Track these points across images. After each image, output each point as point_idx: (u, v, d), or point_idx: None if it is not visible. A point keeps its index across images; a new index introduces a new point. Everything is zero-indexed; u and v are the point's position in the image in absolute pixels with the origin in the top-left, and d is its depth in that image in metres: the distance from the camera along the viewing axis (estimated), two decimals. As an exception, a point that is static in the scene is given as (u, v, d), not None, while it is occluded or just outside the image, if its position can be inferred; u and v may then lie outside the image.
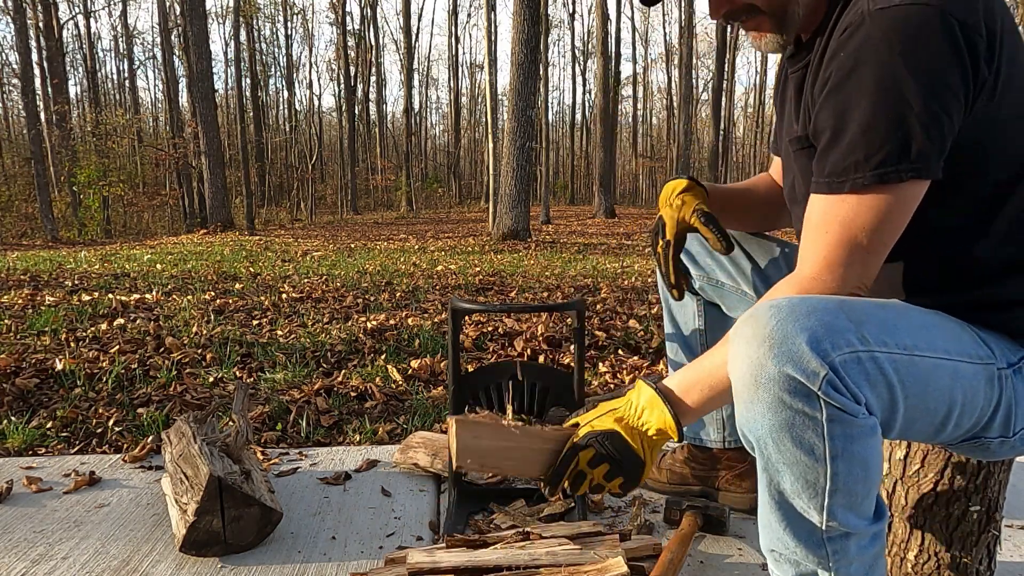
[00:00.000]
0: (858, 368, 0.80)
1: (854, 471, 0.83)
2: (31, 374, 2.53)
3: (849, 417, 0.80)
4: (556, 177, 40.82)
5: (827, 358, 0.79)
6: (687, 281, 1.32)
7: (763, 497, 0.91)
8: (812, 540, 0.89)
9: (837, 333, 0.80)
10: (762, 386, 0.81)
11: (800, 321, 0.80)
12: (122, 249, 9.92)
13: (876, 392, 0.82)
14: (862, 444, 0.82)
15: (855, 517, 0.87)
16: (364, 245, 10.79)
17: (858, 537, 0.90)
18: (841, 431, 0.80)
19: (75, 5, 31.22)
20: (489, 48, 13.44)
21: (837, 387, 0.79)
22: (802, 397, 0.79)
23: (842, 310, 0.83)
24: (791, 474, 0.84)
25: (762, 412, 0.82)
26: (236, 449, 1.51)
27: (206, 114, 15.01)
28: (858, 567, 0.91)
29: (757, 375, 0.81)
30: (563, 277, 6.00)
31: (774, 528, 0.91)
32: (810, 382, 0.78)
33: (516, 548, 1.15)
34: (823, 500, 0.84)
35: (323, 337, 3.24)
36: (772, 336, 0.80)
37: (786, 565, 0.94)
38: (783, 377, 0.79)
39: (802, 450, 0.82)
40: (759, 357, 0.80)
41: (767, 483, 0.88)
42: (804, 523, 0.88)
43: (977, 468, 1.09)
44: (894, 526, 1.17)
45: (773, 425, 0.82)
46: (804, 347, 0.78)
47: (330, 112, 43.16)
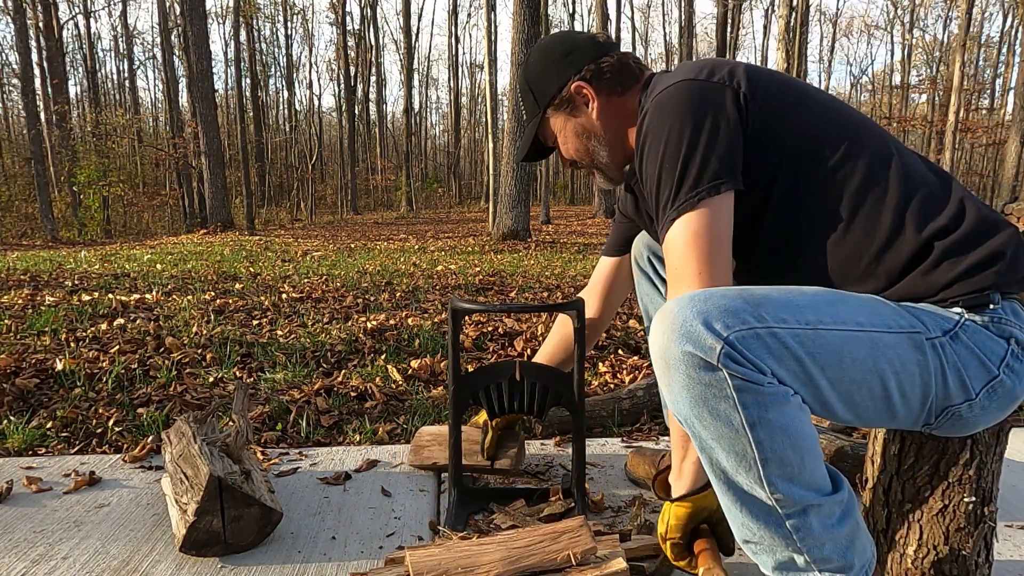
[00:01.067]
0: (757, 342, 0.88)
1: (776, 438, 0.88)
2: (31, 374, 2.53)
3: (755, 386, 0.87)
4: (556, 177, 40.81)
5: (721, 335, 0.87)
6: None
7: (713, 482, 0.96)
8: (771, 520, 0.93)
9: (731, 313, 0.88)
10: (672, 367, 0.90)
11: (697, 307, 0.89)
12: (122, 249, 9.92)
13: (783, 365, 0.89)
14: (777, 411, 0.88)
15: (799, 488, 0.91)
16: (364, 245, 10.79)
17: (818, 512, 0.92)
18: (752, 399, 0.87)
19: (75, 5, 31.23)
20: (489, 48, 13.44)
21: (736, 359, 0.86)
22: (706, 371, 0.87)
23: (740, 295, 0.91)
24: (721, 448, 0.91)
25: (679, 391, 0.91)
26: (236, 449, 1.51)
27: (206, 114, 15.01)
28: (832, 548, 0.93)
29: (666, 358, 0.90)
30: (563, 277, 6.00)
31: (734, 513, 0.96)
32: (708, 356, 0.87)
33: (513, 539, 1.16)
34: (758, 471, 0.90)
35: (323, 337, 3.24)
36: (674, 322, 0.90)
37: (764, 555, 0.97)
38: (685, 355, 0.88)
39: (721, 421, 0.89)
40: (665, 342, 0.90)
41: (709, 464, 0.94)
42: (755, 501, 0.93)
43: (970, 459, 1.09)
44: (892, 521, 1.17)
45: (690, 401, 0.90)
46: (700, 327, 0.87)
47: (330, 112, 43.20)
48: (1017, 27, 33.62)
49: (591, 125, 1.26)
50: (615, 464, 1.83)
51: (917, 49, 40.24)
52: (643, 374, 2.70)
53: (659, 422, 2.22)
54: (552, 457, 1.88)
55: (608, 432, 2.15)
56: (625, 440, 2.02)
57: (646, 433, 2.13)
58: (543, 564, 1.13)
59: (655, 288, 1.55)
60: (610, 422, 2.19)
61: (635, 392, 2.27)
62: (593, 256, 8.96)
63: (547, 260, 8.10)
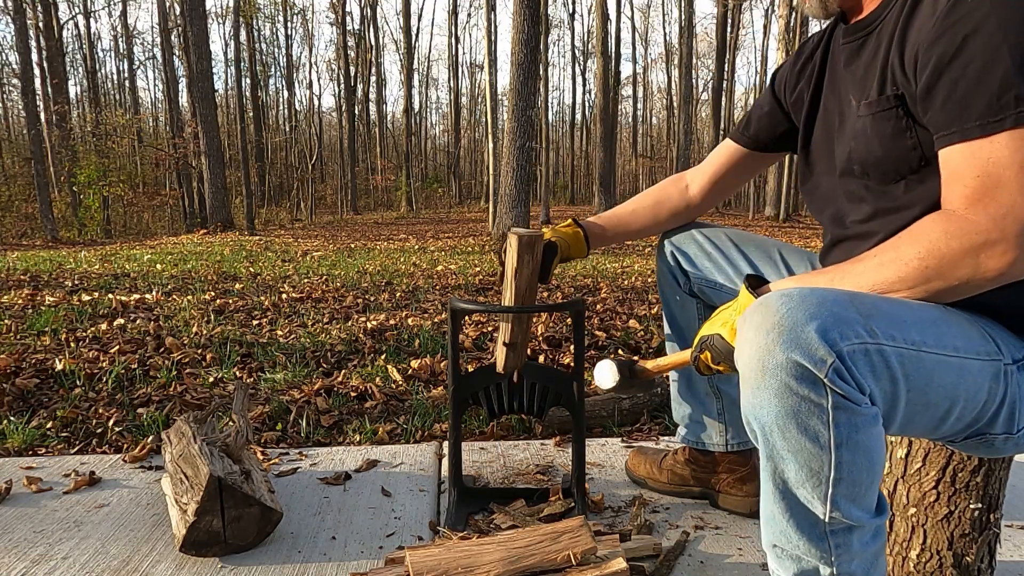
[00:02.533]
0: (865, 359, 0.81)
1: (858, 460, 0.83)
2: (31, 374, 2.53)
3: (853, 406, 0.81)
4: (556, 177, 40.83)
5: (835, 347, 0.79)
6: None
7: (766, 488, 0.91)
8: (815, 533, 0.89)
9: (846, 324, 0.81)
10: (769, 372, 0.82)
11: (810, 310, 0.81)
12: (122, 249, 9.92)
13: (880, 384, 0.83)
14: (866, 433, 0.83)
15: (858, 509, 0.87)
16: (364, 245, 10.79)
17: (860, 531, 0.90)
18: (846, 419, 0.81)
19: (75, 5, 31.23)
20: (489, 48, 13.44)
21: (843, 376, 0.80)
22: (808, 384, 0.80)
23: (852, 303, 0.84)
24: (795, 462, 0.85)
25: (768, 398, 0.83)
26: (236, 449, 1.51)
27: (206, 114, 15.01)
28: (859, 564, 0.92)
29: (765, 361, 0.82)
30: (563, 277, 6.00)
31: (777, 520, 0.91)
32: (817, 369, 0.79)
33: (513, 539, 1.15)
34: (827, 489, 0.85)
35: (323, 337, 3.24)
36: (781, 324, 0.81)
37: (788, 561, 0.93)
38: (790, 363, 0.80)
39: (807, 437, 0.83)
40: (768, 344, 0.81)
41: (771, 472, 0.89)
42: (808, 514, 0.89)
43: (978, 466, 1.09)
44: (896, 525, 1.17)
45: (779, 411, 0.83)
46: (813, 335, 0.79)
47: (330, 112, 43.22)
48: (1017, 27, 33.52)
49: None
50: (615, 464, 1.83)
51: (917, 49, 40.09)
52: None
53: (659, 422, 2.22)
54: (552, 457, 1.88)
55: (608, 432, 2.15)
56: (625, 440, 2.02)
57: (646, 433, 2.12)
58: (543, 564, 1.13)
59: (675, 282, 1.52)
60: (610, 422, 2.19)
61: (635, 392, 2.27)
62: (593, 255, 8.96)
63: (547, 260, 8.08)
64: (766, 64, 28.52)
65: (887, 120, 0.99)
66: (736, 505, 1.53)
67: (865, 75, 1.03)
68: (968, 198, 0.87)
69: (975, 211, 0.86)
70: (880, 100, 0.99)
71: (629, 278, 6.06)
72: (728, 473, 1.55)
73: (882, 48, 0.99)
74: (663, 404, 2.28)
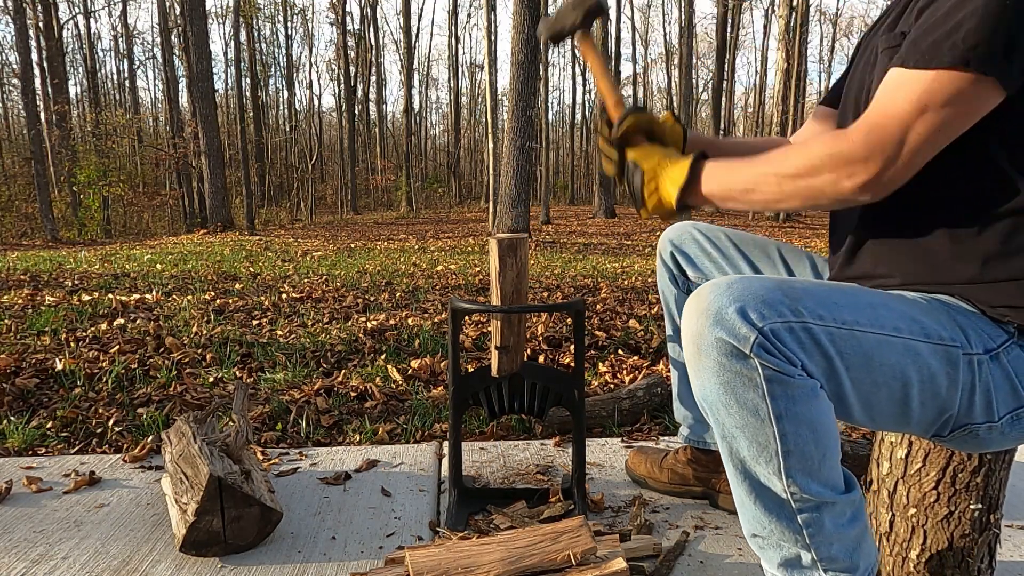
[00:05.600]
0: (790, 336, 0.86)
1: (802, 432, 0.88)
2: (31, 374, 2.53)
3: (786, 378, 0.86)
4: (556, 177, 40.82)
5: (755, 325, 0.85)
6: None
7: (730, 471, 0.95)
8: (783, 513, 0.93)
9: (768, 305, 0.87)
10: (703, 352, 0.88)
11: (734, 295, 0.87)
12: (122, 249, 9.92)
13: (812, 360, 0.88)
14: (805, 405, 0.87)
15: (816, 484, 0.91)
16: (364, 245, 10.79)
17: (831, 511, 0.92)
18: (781, 391, 0.86)
19: (75, 5, 31.24)
20: (489, 48, 13.44)
21: (769, 350, 0.85)
22: (738, 359, 0.86)
23: (779, 288, 0.90)
24: (744, 437, 0.90)
25: (708, 377, 0.89)
26: (236, 449, 1.51)
27: (206, 114, 15.01)
28: (840, 547, 0.93)
29: (699, 343, 0.89)
30: (563, 277, 6.00)
31: (747, 505, 0.95)
32: (741, 345, 0.85)
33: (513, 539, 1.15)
34: (778, 463, 0.90)
35: (323, 337, 3.24)
36: (709, 308, 0.88)
37: (770, 551, 0.97)
38: (718, 342, 0.87)
39: (747, 410, 0.88)
40: (699, 327, 0.88)
41: (728, 453, 0.93)
42: (770, 494, 0.93)
43: (978, 466, 1.09)
44: (896, 525, 1.17)
45: (718, 388, 0.89)
46: (735, 315, 0.86)
47: (330, 112, 43.22)
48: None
49: None
50: (615, 464, 1.83)
51: (917, 49, 40.10)
52: (643, 374, 2.70)
53: (659, 422, 2.22)
54: (552, 457, 1.88)
55: (608, 432, 2.15)
56: (625, 440, 2.02)
57: (646, 433, 2.12)
58: (543, 564, 1.13)
59: (675, 283, 1.53)
60: (610, 422, 2.19)
61: (635, 392, 2.27)
62: (593, 256, 8.96)
63: (547, 260, 8.10)
64: (766, 64, 28.51)
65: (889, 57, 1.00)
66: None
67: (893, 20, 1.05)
68: (866, 115, 0.92)
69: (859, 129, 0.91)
70: (893, 36, 1.01)
71: (629, 278, 6.06)
72: None
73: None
74: (663, 404, 2.28)
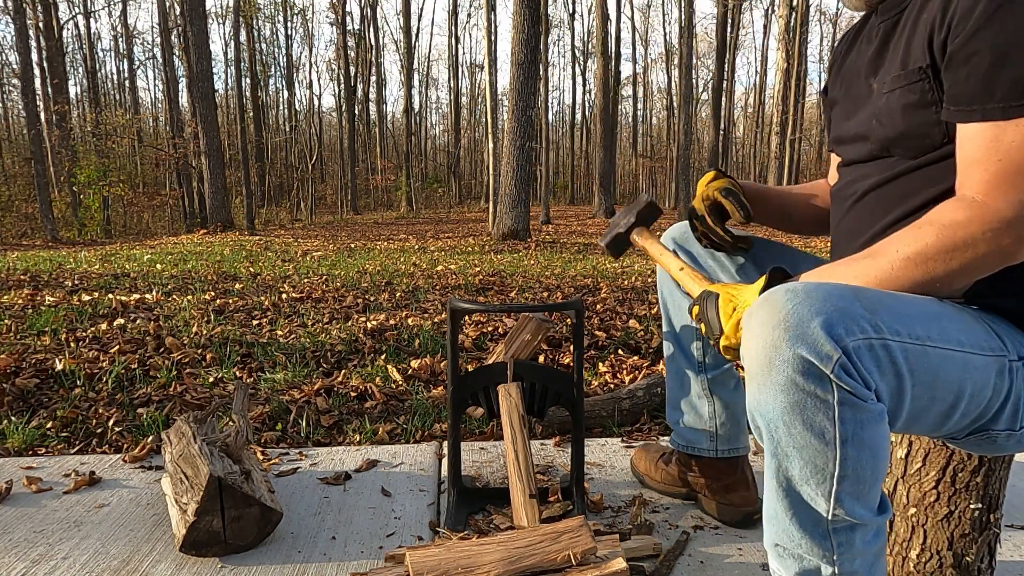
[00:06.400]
0: (870, 355, 0.81)
1: (863, 457, 0.83)
2: (31, 374, 2.53)
3: (860, 402, 0.81)
4: (556, 177, 40.83)
5: (840, 342, 0.79)
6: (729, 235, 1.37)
7: (770, 485, 0.90)
8: (818, 531, 0.89)
9: (851, 319, 0.81)
10: (775, 367, 0.81)
11: (815, 305, 0.81)
12: (122, 249, 9.92)
13: (885, 379, 0.83)
14: (871, 430, 0.82)
15: (861, 507, 0.87)
16: (364, 245, 10.79)
17: (863, 530, 0.90)
18: (852, 415, 0.81)
19: (75, 5, 31.24)
20: (489, 48, 13.44)
21: (849, 371, 0.80)
22: (814, 379, 0.80)
23: (857, 297, 0.84)
24: (800, 458, 0.85)
25: (774, 393, 0.83)
26: (236, 449, 1.51)
27: (206, 114, 15.01)
28: (861, 563, 0.91)
29: (771, 356, 0.81)
30: (563, 277, 6.00)
31: (780, 518, 0.91)
32: (823, 365, 0.79)
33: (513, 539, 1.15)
34: (831, 486, 0.85)
35: (323, 337, 3.24)
36: (787, 319, 0.81)
37: (789, 560, 0.93)
38: (796, 359, 0.80)
39: (812, 433, 0.82)
40: (774, 339, 0.81)
41: (775, 470, 0.88)
42: (810, 512, 0.88)
43: (978, 466, 1.09)
44: (896, 525, 1.17)
45: (785, 407, 0.82)
46: (819, 330, 0.79)
47: (330, 112, 43.21)
48: (1017, 27, 33.53)
49: None
50: (615, 464, 1.83)
51: (917, 49, 40.11)
52: (643, 374, 2.70)
53: (659, 422, 2.22)
54: (552, 457, 1.88)
55: (608, 432, 2.15)
56: (625, 440, 2.02)
57: (646, 433, 2.12)
58: (543, 564, 1.13)
59: (678, 284, 1.50)
60: (610, 422, 2.19)
61: (635, 392, 2.27)
62: (593, 256, 8.96)
63: (547, 260, 8.10)
64: (766, 64, 28.49)
65: (913, 93, 0.98)
66: (719, 512, 1.51)
67: (895, 51, 1.03)
68: (987, 183, 0.87)
69: (994, 197, 0.87)
70: (907, 73, 0.98)
71: (629, 278, 6.06)
72: (715, 480, 1.53)
73: (910, 20, 1.00)
74: (663, 404, 2.28)
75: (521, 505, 1.38)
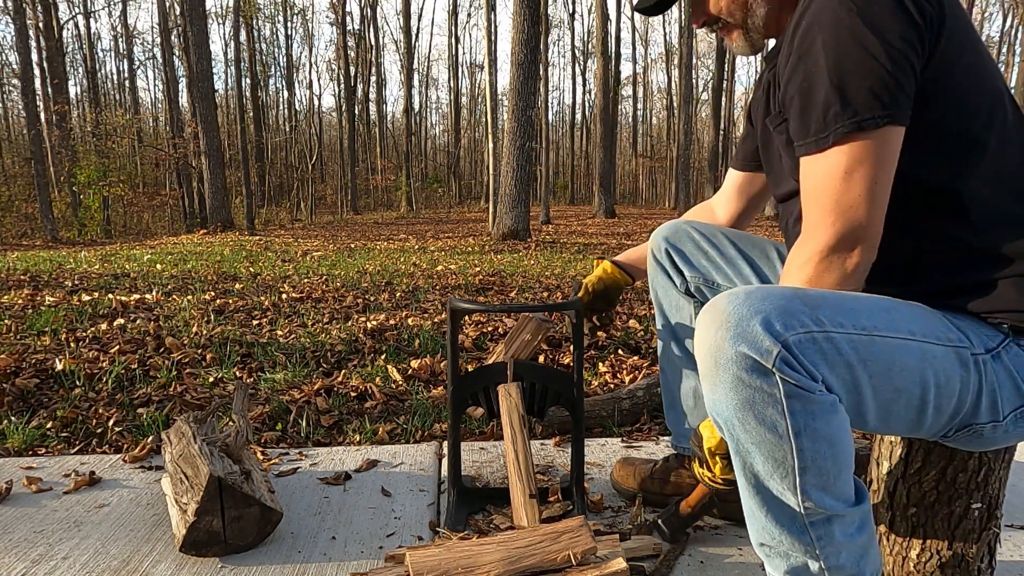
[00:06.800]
0: (813, 347, 0.85)
1: (820, 447, 0.86)
2: (31, 374, 2.53)
3: (806, 393, 0.84)
4: (556, 177, 40.84)
5: (779, 337, 0.84)
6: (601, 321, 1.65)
7: (741, 484, 0.93)
8: (795, 525, 0.92)
9: (790, 315, 0.85)
10: (722, 367, 0.86)
11: (754, 305, 0.85)
12: (122, 249, 9.92)
13: (835, 371, 0.86)
14: (824, 421, 0.86)
15: (830, 498, 0.90)
16: (364, 245, 10.79)
17: (841, 522, 0.92)
18: (801, 407, 0.85)
19: (75, 5, 31.25)
20: (489, 48, 13.44)
21: (791, 364, 0.84)
22: (759, 374, 0.84)
23: (797, 296, 0.88)
24: (760, 453, 0.88)
25: (725, 392, 0.87)
26: (236, 449, 1.51)
27: (206, 114, 15.01)
28: (847, 556, 0.93)
29: (717, 357, 0.86)
30: (563, 277, 6.00)
31: (757, 517, 0.94)
32: (764, 359, 0.83)
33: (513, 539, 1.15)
34: (794, 479, 0.88)
35: (323, 337, 3.24)
36: (728, 320, 0.85)
37: (777, 559, 0.96)
38: (739, 356, 0.84)
39: (765, 427, 0.86)
40: (717, 340, 0.86)
41: (742, 467, 0.92)
42: (783, 507, 0.91)
43: (978, 465, 1.09)
44: (896, 525, 1.17)
45: (736, 404, 0.87)
46: (758, 328, 0.84)
47: (330, 112, 43.22)
48: (1017, 27, 33.60)
49: None
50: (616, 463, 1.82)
51: (917, 49, 40.12)
52: (643, 374, 2.70)
53: (659, 422, 2.22)
54: (552, 457, 1.88)
55: (608, 432, 2.15)
56: (625, 440, 2.02)
57: (646, 433, 2.12)
58: (543, 564, 1.13)
59: (670, 281, 1.50)
60: (610, 422, 2.19)
61: (635, 392, 2.27)
62: (593, 256, 8.96)
63: (547, 260, 8.10)
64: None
65: (782, 134, 1.09)
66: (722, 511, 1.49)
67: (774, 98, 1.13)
68: (813, 215, 0.96)
69: (819, 228, 0.95)
70: (775, 116, 1.10)
71: (629, 278, 6.05)
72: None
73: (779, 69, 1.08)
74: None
75: (521, 505, 1.38)
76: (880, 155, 0.92)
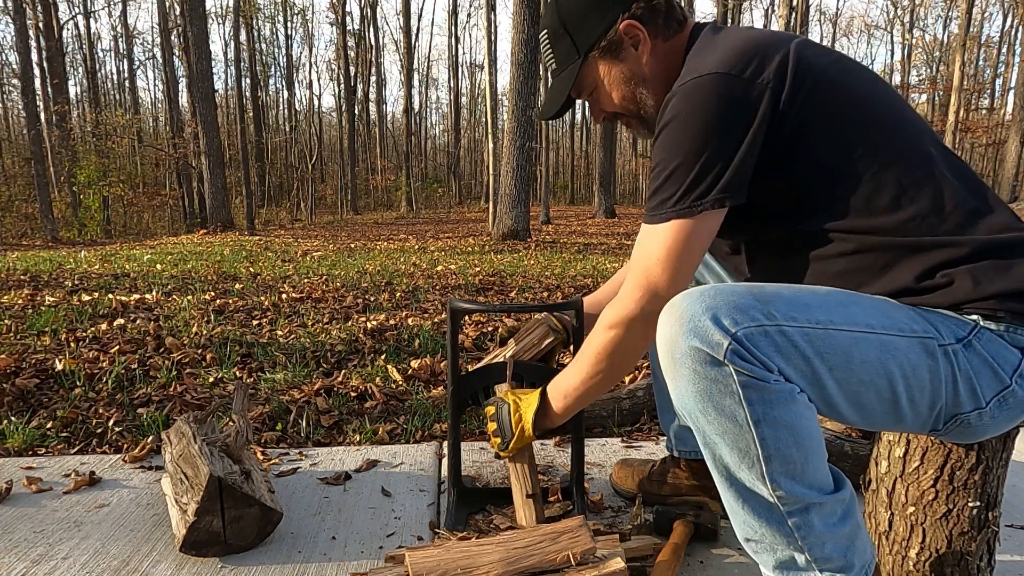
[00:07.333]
0: (765, 340, 0.88)
1: (781, 435, 0.89)
2: (31, 374, 2.53)
3: (761, 383, 0.87)
4: (556, 177, 40.82)
5: (730, 331, 0.87)
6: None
7: (716, 479, 0.96)
8: (772, 516, 0.94)
9: (740, 310, 0.89)
10: (678, 361, 0.90)
11: (707, 302, 0.89)
12: (122, 249, 9.92)
13: (791, 363, 0.89)
14: (783, 409, 0.88)
15: (800, 486, 0.91)
16: (364, 245, 10.79)
17: (820, 510, 0.93)
18: (758, 396, 0.88)
19: (75, 5, 31.27)
20: (489, 48, 13.44)
21: (743, 356, 0.87)
22: (712, 366, 0.88)
23: (750, 292, 0.92)
24: (725, 444, 0.91)
25: (684, 385, 0.91)
26: (236, 449, 1.51)
27: (206, 114, 15.01)
28: (833, 547, 0.93)
29: (673, 352, 0.91)
30: (563, 277, 6.00)
31: (737, 511, 0.96)
32: (715, 352, 0.87)
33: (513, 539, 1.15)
34: (761, 468, 0.91)
35: (323, 337, 3.24)
36: (682, 317, 0.90)
37: (765, 555, 0.97)
38: (691, 350, 0.88)
39: (726, 417, 0.89)
40: (672, 336, 0.91)
41: (712, 460, 0.95)
42: (758, 498, 0.93)
43: (976, 463, 1.09)
44: (895, 524, 1.17)
45: (695, 395, 0.90)
46: (708, 323, 0.88)
47: (330, 112, 43.22)
48: (1017, 27, 33.61)
49: (639, 71, 1.16)
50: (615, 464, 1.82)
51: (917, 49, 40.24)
52: (643, 374, 2.70)
53: (659, 422, 2.21)
54: (552, 457, 1.88)
55: (608, 432, 2.15)
56: (625, 440, 2.02)
57: (646, 433, 2.12)
58: (543, 564, 1.13)
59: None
60: (610, 422, 2.19)
61: (635, 392, 2.27)
62: (593, 256, 8.96)
63: (547, 260, 8.10)
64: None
65: None
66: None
67: None
68: (631, 279, 1.08)
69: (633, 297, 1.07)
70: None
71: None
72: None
73: None
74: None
75: (521, 505, 1.38)
76: (694, 238, 1.03)
